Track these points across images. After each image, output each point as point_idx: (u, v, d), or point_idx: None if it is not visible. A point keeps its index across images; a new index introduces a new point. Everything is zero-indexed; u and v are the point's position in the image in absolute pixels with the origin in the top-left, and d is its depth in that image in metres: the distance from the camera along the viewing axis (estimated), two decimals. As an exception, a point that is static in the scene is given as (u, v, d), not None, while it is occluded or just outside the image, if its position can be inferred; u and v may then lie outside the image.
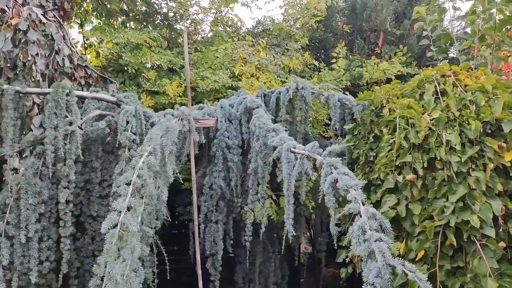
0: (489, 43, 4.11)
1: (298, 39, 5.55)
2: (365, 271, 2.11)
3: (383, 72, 5.42)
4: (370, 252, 2.12)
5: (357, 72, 5.44)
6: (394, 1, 5.91)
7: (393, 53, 5.79)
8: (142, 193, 2.70)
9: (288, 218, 3.06)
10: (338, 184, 2.56)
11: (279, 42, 5.48)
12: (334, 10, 6.23)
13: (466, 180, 3.16)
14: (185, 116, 3.34)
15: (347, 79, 5.42)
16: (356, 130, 4.05)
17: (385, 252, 2.05)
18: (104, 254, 2.18)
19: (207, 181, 3.85)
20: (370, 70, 5.48)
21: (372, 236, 2.13)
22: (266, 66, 4.74)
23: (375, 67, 5.53)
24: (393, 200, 3.39)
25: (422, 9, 4.63)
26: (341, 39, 6.09)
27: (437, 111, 3.43)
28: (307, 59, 5.12)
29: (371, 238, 2.13)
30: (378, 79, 5.50)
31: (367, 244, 2.13)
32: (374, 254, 2.11)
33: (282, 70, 5.08)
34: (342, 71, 5.54)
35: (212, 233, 3.82)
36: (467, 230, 3.06)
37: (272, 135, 3.38)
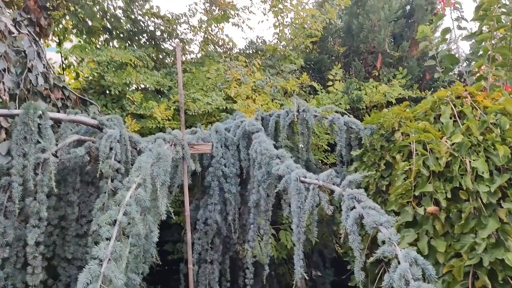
0: (503, 63, 3.86)
1: (293, 60, 5.24)
2: (411, 332, 1.69)
3: (383, 95, 5.13)
4: (417, 308, 1.70)
5: (356, 95, 5.14)
6: (392, 22, 5.69)
7: (392, 76, 5.53)
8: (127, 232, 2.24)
9: (298, 260, 2.64)
10: (365, 221, 2.16)
11: (273, 63, 5.16)
12: (329, 31, 5.97)
13: (496, 213, 2.82)
14: (179, 141, 2.92)
15: (346, 102, 5.11)
16: (365, 156, 3.69)
17: (438, 309, 1.63)
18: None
19: (201, 215, 3.40)
20: (369, 93, 5.19)
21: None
22: (262, 88, 4.39)
23: (374, 90, 5.25)
24: (413, 236, 3.02)
25: (427, 28, 4.38)
26: (337, 61, 5.81)
27: (458, 135, 3.11)
28: (305, 80, 4.80)
29: (418, 291, 1.72)
30: (378, 103, 5.20)
31: (413, 298, 1.72)
32: (422, 311, 1.69)
33: (278, 92, 4.73)
34: (340, 94, 5.23)
35: (207, 275, 3.35)
36: (501, 270, 2.69)
37: (276, 162, 2.98)
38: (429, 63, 4.50)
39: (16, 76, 3.08)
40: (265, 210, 3.13)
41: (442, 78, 4.46)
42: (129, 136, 3.05)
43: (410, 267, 1.83)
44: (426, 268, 1.85)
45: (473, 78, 4.53)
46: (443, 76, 4.43)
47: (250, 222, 3.23)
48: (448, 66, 4.43)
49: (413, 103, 4.64)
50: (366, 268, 3.30)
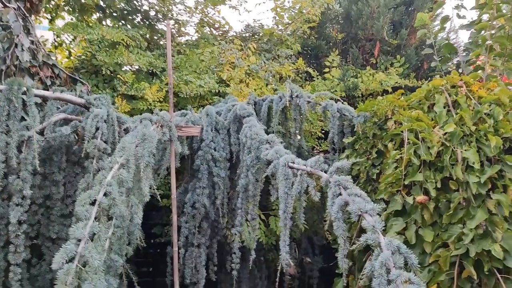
0: (500, 53, 3.80)
1: (290, 45, 5.16)
2: (390, 320, 1.67)
3: (379, 84, 5.07)
4: (397, 297, 1.68)
5: (352, 83, 5.07)
6: (391, 9, 5.59)
7: (389, 64, 5.46)
8: (111, 213, 2.20)
9: (284, 245, 2.61)
10: (350, 208, 2.13)
11: (269, 47, 5.08)
12: (328, 17, 5.87)
13: (485, 204, 2.79)
14: (166, 123, 2.87)
15: (341, 90, 5.05)
16: (357, 144, 3.65)
17: (417, 298, 1.61)
18: (55, 297, 1.68)
19: (189, 198, 3.36)
20: (366, 81, 5.12)
21: (400, 277, 1.69)
22: (256, 72, 4.32)
23: (370, 78, 5.18)
24: (401, 224, 3.00)
25: (426, 16, 4.31)
26: (334, 48, 5.74)
27: (451, 125, 3.06)
28: (300, 66, 4.72)
29: (398, 279, 1.69)
30: (374, 91, 5.14)
31: (393, 286, 1.69)
32: (402, 300, 1.66)
33: (273, 77, 4.67)
34: (336, 81, 5.17)
35: (193, 258, 3.32)
36: (487, 261, 2.67)
37: (266, 147, 2.94)
38: (426, 52, 4.44)
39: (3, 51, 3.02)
40: (253, 195, 3.10)
41: (439, 67, 4.40)
42: (117, 116, 2.99)
43: (392, 255, 1.80)
44: (408, 257, 1.82)
45: (471, 68, 4.47)
46: (440, 65, 4.37)
47: (238, 206, 3.19)
48: (446, 55, 4.37)
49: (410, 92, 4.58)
50: (354, 256, 3.29)
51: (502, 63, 3.76)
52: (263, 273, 4.23)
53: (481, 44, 3.94)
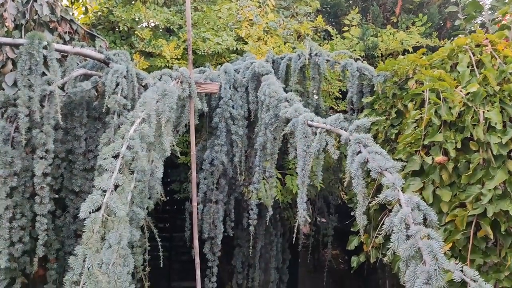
0: (529, 11, 3.66)
1: (309, 2, 5.02)
2: (407, 274, 1.70)
3: (400, 43, 4.94)
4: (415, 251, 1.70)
5: (371, 42, 4.96)
6: (415, -36, 5.38)
7: (411, 23, 5.30)
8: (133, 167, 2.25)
9: (302, 203, 2.65)
10: (370, 165, 2.13)
11: (288, 4, 4.96)
12: (349, -28, 5.69)
13: (505, 165, 2.77)
14: (186, 79, 2.86)
15: (360, 49, 4.94)
16: (376, 104, 3.62)
17: (436, 252, 1.63)
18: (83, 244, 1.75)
19: (207, 155, 3.39)
20: (386, 40, 5.00)
21: (419, 232, 1.71)
22: (275, 30, 4.24)
23: (391, 37, 5.05)
24: (418, 184, 3.01)
25: (451, -29, 4.15)
26: (354, 5, 5.57)
27: (474, 85, 3.01)
28: (320, 24, 4.62)
29: (417, 235, 1.71)
30: (394, 51, 5.02)
31: (412, 241, 1.71)
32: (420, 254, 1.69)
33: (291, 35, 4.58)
34: (355, 40, 5.05)
35: (211, 214, 3.40)
36: (504, 221, 2.68)
37: (284, 105, 2.92)
38: (450, 9, 4.30)
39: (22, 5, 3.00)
40: (271, 153, 3.11)
41: (463, 25, 4.27)
42: (136, 72, 2.99)
43: (411, 211, 1.82)
44: (428, 213, 1.83)
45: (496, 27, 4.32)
46: (464, 23, 4.23)
47: (256, 164, 3.22)
48: (471, 13, 4.23)
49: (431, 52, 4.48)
50: (369, 215, 3.33)
51: (530, 21, 3.63)
52: (278, 231, 4.31)
53: (509, 2, 3.79)
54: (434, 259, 1.64)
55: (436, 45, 5.03)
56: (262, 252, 4.11)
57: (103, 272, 1.83)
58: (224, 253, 4.04)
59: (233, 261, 4.08)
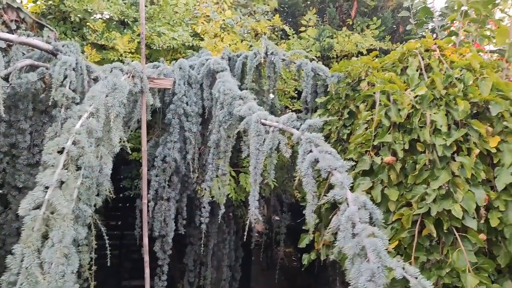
0: (475, 19, 3.83)
1: (266, 2, 5.04)
2: (353, 272, 1.74)
3: (355, 45, 5.06)
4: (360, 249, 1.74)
5: (327, 43, 5.04)
6: (370, -31, 5.52)
7: (365, 26, 5.43)
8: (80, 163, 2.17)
9: (253, 201, 2.65)
10: (320, 165, 2.16)
11: (246, 2, 4.96)
12: (306, -27, 5.75)
13: (449, 166, 2.89)
14: (138, 73, 2.79)
15: (316, 50, 5.02)
16: (329, 104, 3.68)
17: (380, 250, 1.68)
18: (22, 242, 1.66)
19: (159, 152, 3.33)
20: (341, 41, 5.10)
21: (364, 231, 1.75)
22: (232, 27, 4.23)
23: (346, 39, 5.16)
24: (368, 184, 3.09)
25: (404, -22, 4.28)
26: (311, 6, 5.64)
27: (422, 88, 3.12)
28: (277, 23, 4.64)
29: (363, 233, 1.75)
30: (349, 52, 5.14)
31: (358, 239, 1.75)
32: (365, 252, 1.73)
33: (248, 33, 4.58)
34: (311, 40, 5.13)
35: (162, 212, 3.34)
36: (447, 220, 2.80)
37: (239, 103, 2.91)
38: (403, 14, 4.43)
39: (-38, -10, 2.83)
40: (225, 151, 3.10)
41: (414, 30, 4.42)
42: (86, 65, 2.89)
43: (358, 210, 1.86)
44: (373, 212, 1.88)
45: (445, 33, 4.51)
46: (415, 28, 4.38)
47: (209, 162, 3.19)
48: (422, 18, 4.39)
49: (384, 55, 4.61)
50: (321, 213, 3.38)
51: (476, 29, 3.81)
52: (231, 229, 4.31)
53: (457, 9, 3.96)
54: (378, 257, 1.68)
55: (389, 48, 5.18)
56: (215, 250, 4.09)
57: (44, 271, 1.75)
58: (176, 251, 3.99)
59: (185, 259, 4.04)
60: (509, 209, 2.79)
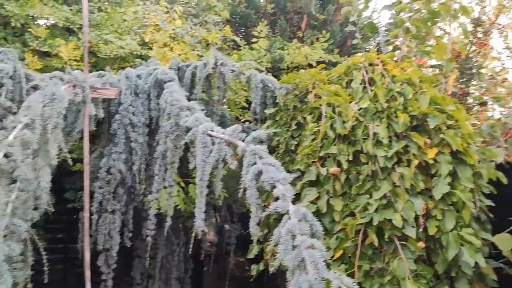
0: (416, 35, 4.01)
1: (218, 12, 5.06)
2: (292, 284, 1.76)
3: (304, 57, 5.16)
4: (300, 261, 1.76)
5: (278, 54, 5.12)
6: (320, -16, 5.67)
7: (315, 38, 5.56)
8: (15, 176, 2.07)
9: (199, 213, 2.63)
10: (263, 177, 2.18)
11: (197, 12, 4.95)
12: (258, -14, 5.83)
13: (390, 176, 2.99)
14: (79, 83, 2.71)
15: (267, 61, 5.08)
16: (278, 115, 3.73)
17: (318, 262, 1.71)
18: None
19: (104, 163, 3.24)
20: (291, 53, 5.20)
21: (303, 243, 1.77)
22: (182, 37, 4.20)
23: (296, 51, 5.26)
24: (314, 194, 3.14)
25: (351, -7, 4.42)
26: (263, 18, 5.72)
27: (365, 101, 3.23)
28: (227, 34, 4.67)
29: (302, 245, 1.78)
30: (299, 64, 5.23)
31: (297, 251, 1.77)
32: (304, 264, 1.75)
33: (199, 43, 4.57)
34: (263, 51, 5.18)
35: (107, 224, 3.24)
36: (388, 229, 2.89)
37: (186, 114, 2.89)
38: (349, 29, 4.58)
39: None
40: (172, 162, 3.07)
41: (360, 44, 4.57)
42: (26, 73, 2.78)
43: (299, 222, 1.88)
44: (313, 224, 1.91)
45: (389, 47, 4.69)
46: (361, 42, 4.53)
47: (156, 173, 3.14)
48: (367, 33, 4.54)
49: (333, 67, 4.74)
50: (269, 223, 3.40)
51: (416, 45, 3.98)
52: (181, 240, 4.24)
53: (399, 26, 4.12)
54: (316, 268, 1.71)
55: (338, 61, 5.31)
56: (163, 263, 4.01)
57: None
58: (123, 264, 3.89)
59: (132, 272, 3.94)
60: (446, 217, 2.92)
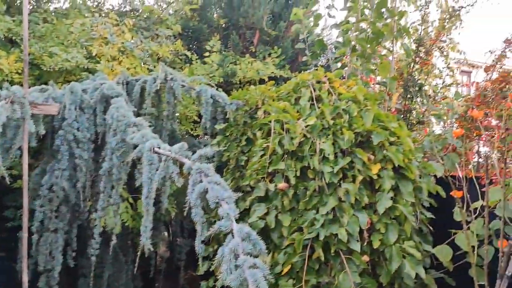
0: (361, 53, 4.16)
1: (170, 26, 5.03)
2: (235, 304, 1.76)
3: (256, 72, 5.22)
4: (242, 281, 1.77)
5: (230, 69, 5.15)
6: (272, 0, 5.77)
7: (267, 54, 5.64)
8: None
9: (145, 231, 2.58)
10: (208, 196, 2.17)
11: (148, 26, 4.90)
12: (211, 0, 5.85)
13: (336, 192, 3.07)
14: (18, 99, 2.61)
15: (219, 75, 5.10)
16: (228, 131, 3.75)
17: (260, 282, 1.72)
18: None
19: (46, 180, 3.12)
20: (244, 68, 5.24)
21: (246, 262, 1.78)
22: (131, 50, 4.14)
23: (249, 66, 5.31)
24: (263, 210, 3.17)
25: (300, 11, 4.54)
26: (216, 32, 5.75)
27: (312, 118, 3.31)
28: (178, 48, 4.65)
29: (245, 264, 1.79)
30: (252, 79, 5.29)
31: (240, 271, 1.78)
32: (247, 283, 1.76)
33: (150, 57, 4.52)
34: (215, 66, 5.20)
35: (48, 244, 3.12)
36: (334, 244, 2.96)
37: (132, 131, 2.85)
38: (299, 46, 4.68)
39: None
40: (118, 179, 3.00)
41: (309, 61, 4.68)
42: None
43: (242, 241, 1.89)
44: (257, 243, 1.93)
45: (338, 65, 4.83)
46: (310, 60, 4.64)
47: (101, 190, 3.06)
48: (316, 51, 4.65)
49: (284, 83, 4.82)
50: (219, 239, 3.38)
51: (361, 63, 4.13)
52: (129, 257, 4.13)
53: (346, 44, 4.27)
54: None
55: (289, 76, 5.41)
56: (110, 281, 3.88)
57: None
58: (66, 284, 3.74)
59: (77, 292, 3.79)
60: (389, 231, 3.02)
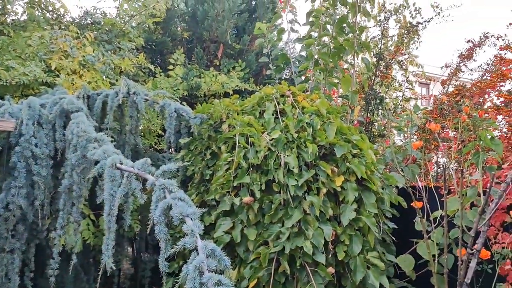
0: (323, 68, 4.24)
1: (132, 39, 4.98)
2: (200, 322, 1.73)
3: (221, 85, 5.24)
4: (207, 299, 1.75)
5: (195, 82, 5.14)
6: (235, 14, 5.81)
7: (232, 67, 5.67)
8: None
9: (107, 249, 2.51)
10: (172, 212, 2.14)
11: (110, 38, 4.83)
12: (174, 13, 5.84)
13: (301, 205, 3.09)
14: (-30, 115, 2.51)
15: (184, 89, 5.08)
16: (192, 145, 3.72)
17: (225, 299, 1.70)
18: None
19: (1, 199, 2.99)
20: (208, 81, 5.24)
21: (211, 279, 1.76)
22: (92, 64, 4.06)
23: (213, 79, 5.32)
24: (228, 224, 3.15)
25: (263, 26, 4.59)
26: (180, 46, 5.73)
27: (276, 131, 3.33)
28: (141, 61, 4.60)
29: (210, 282, 1.76)
30: (216, 92, 5.30)
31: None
32: (212, 301, 1.74)
33: (112, 70, 4.45)
34: (179, 79, 5.18)
35: (4, 265, 2.98)
36: (299, 256, 2.97)
37: (93, 146, 2.78)
38: (262, 60, 4.73)
39: None
40: (78, 196, 2.92)
41: (274, 75, 4.73)
42: None
43: (206, 258, 1.87)
44: (222, 259, 1.91)
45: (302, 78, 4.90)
46: (274, 73, 4.69)
47: (61, 208, 2.97)
48: (279, 64, 4.71)
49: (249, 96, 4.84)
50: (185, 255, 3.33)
51: (324, 77, 4.21)
52: (91, 276, 4.01)
53: (308, 59, 4.34)
54: (222, 306, 1.70)
55: (254, 90, 5.46)
56: (71, 302, 3.75)
57: None
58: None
59: (35, 315, 3.63)
60: (353, 242, 3.06)
